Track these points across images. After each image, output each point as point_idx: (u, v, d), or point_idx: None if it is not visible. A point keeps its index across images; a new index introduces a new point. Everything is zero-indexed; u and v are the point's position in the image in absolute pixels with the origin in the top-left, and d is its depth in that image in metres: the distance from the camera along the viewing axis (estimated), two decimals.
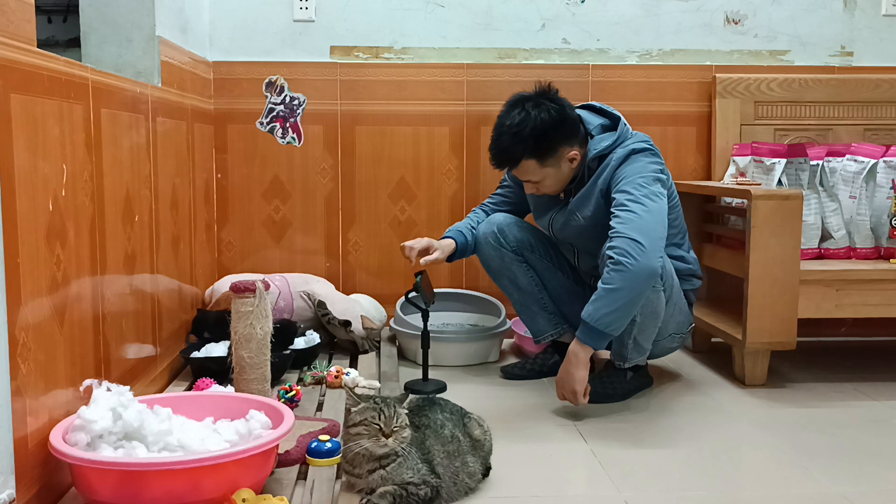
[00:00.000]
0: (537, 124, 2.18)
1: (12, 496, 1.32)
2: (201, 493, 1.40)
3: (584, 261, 2.43)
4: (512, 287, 2.49)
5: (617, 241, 2.05)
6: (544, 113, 2.18)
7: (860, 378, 2.55)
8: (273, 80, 2.94)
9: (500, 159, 2.26)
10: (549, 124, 2.18)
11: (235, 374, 1.95)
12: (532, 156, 2.21)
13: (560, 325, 2.50)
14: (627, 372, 2.36)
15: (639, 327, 2.21)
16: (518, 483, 1.74)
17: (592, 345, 2.07)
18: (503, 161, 2.26)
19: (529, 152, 2.20)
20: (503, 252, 2.44)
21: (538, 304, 2.49)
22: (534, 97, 2.23)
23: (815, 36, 3.02)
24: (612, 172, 2.20)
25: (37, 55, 1.44)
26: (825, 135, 2.93)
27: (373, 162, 2.99)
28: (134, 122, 1.99)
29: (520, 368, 2.55)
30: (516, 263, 2.46)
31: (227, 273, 2.90)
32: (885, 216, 2.60)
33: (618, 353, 2.33)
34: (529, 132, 2.18)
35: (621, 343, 2.28)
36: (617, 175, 2.19)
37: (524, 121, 2.18)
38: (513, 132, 2.19)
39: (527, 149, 2.20)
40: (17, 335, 1.34)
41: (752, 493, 1.73)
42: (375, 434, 1.51)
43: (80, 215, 1.63)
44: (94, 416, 1.45)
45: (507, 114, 2.23)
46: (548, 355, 2.55)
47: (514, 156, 2.22)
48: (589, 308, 2.06)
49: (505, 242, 2.44)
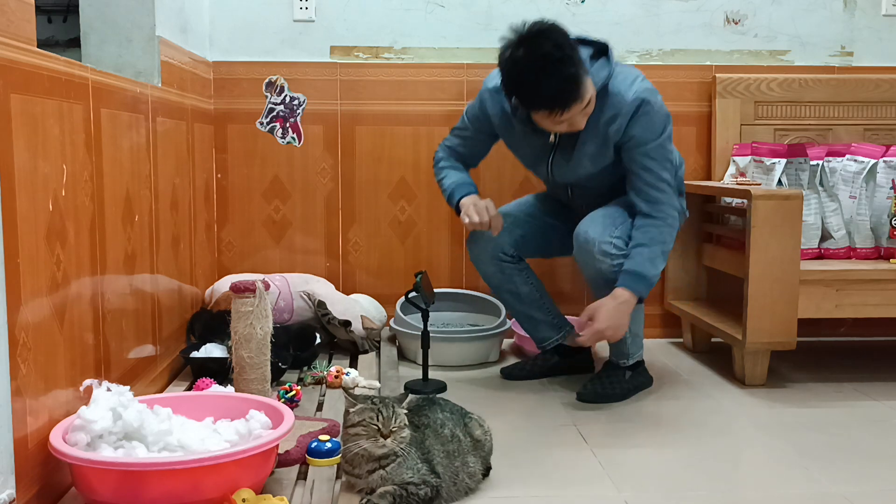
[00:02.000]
0: (570, 63, 2.06)
1: (12, 496, 1.32)
2: (201, 493, 1.40)
3: (582, 197, 2.39)
4: (513, 299, 2.49)
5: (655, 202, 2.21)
6: (568, 49, 2.07)
7: (860, 378, 2.55)
8: (273, 80, 2.94)
9: (558, 102, 2.09)
10: (575, 59, 2.08)
11: (235, 374, 1.95)
12: (577, 96, 2.11)
13: (563, 328, 2.51)
14: (626, 371, 2.36)
15: (633, 318, 2.24)
16: (518, 483, 1.74)
17: (643, 294, 2.20)
18: (565, 102, 2.09)
19: (577, 92, 2.10)
20: (503, 265, 2.45)
21: (540, 309, 2.49)
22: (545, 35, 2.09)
23: (815, 36, 3.02)
24: (626, 123, 2.17)
25: (37, 55, 1.44)
26: (825, 135, 2.93)
27: (373, 162, 2.99)
28: (134, 122, 1.99)
29: (519, 369, 2.55)
30: (516, 272, 2.46)
31: (227, 273, 2.90)
32: (885, 216, 2.60)
33: (620, 352, 2.34)
34: (570, 72, 2.06)
35: (621, 341, 2.30)
36: (631, 131, 2.17)
37: (561, 61, 2.05)
38: (562, 76, 2.06)
39: (575, 88, 2.09)
40: (17, 335, 1.34)
41: (752, 493, 1.73)
42: (374, 435, 1.51)
43: (80, 215, 1.63)
44: (94, 416, 1.45)
45: (535, 55, 2.06)
46: (548, 356, 2.56)
47: (570, 97, 2.09)
48: (638, 261, 2.18)
49: (503, 255, 2.44)
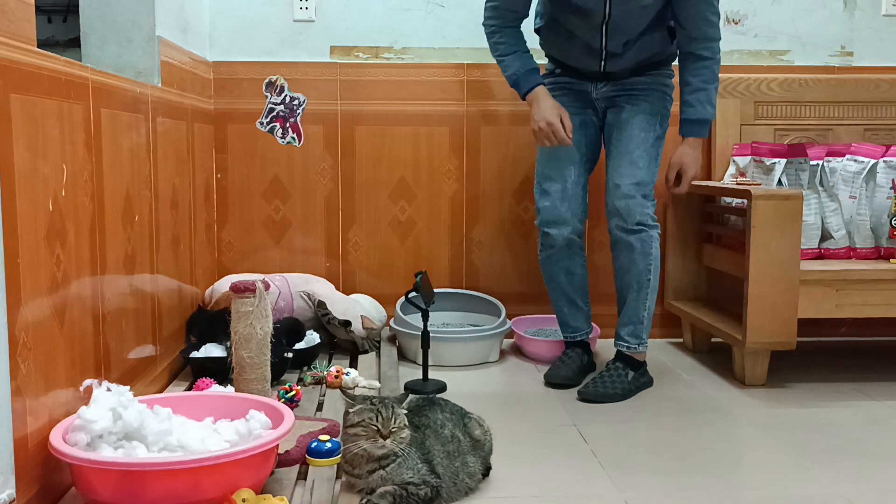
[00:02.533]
0: None
1: (12, 496, 1.32)
2: (201, 493, 1.40)
3: (615, 41, 2.35)
4: (567, 280, 2.52)
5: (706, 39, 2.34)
6: None
7: (860, 378, 2.55)
8: (273, 80, 2.94)
9: None
10: None
11: (235, 374, 1.95)
12: None
13: (590, 326, 2.59)
14: (629, 372, 2.36)
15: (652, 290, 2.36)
16: (518, 483, 1.74)
17: (706, 135, 2.44)
18: None
19: None
20: (576, 241, 2.49)
21: (583, 298, 2.55)
22: None
23: (815, 36, 3.02)
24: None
25: (37, 55, 1.44)
26: (825, 135, 2.93)
27: (373, 162, 2.99)
28: (134, 122, 1.99)
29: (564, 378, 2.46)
30: (580, 252, 2.51)
31: (227, 273, 2.90)
32: (885, 216, 2.60)
33: (634, 335, 2.41)
34: None
35: (638, 321, 2.39)
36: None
37: None
38: None
39: None
40: (17, 335, 1.34)
41: (752, 493, 1.73)
42: (373, 435, 1.51)
43: (80, 215, 1.63)
44: (94, 416, 1.45)
45: None
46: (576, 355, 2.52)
47: None
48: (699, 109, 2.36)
49: (578, 238, 2.48)
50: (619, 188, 2.35)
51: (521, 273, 3.05)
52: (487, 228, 3.03)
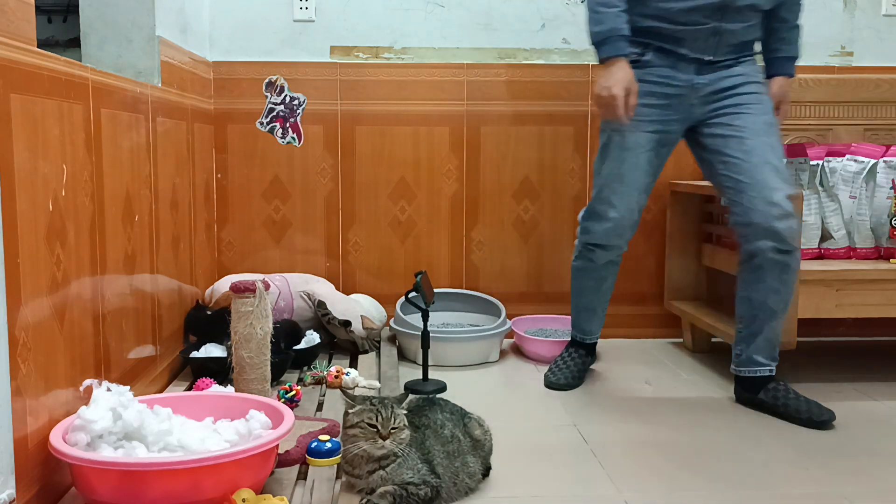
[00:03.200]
0: None
1: (12, 496, 1.32)
2: (201, 493, 1.40)
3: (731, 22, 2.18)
4: (596, 286, 2.48)
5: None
6: None
7: (860, 378, 2.55)
8: (273, 80, 2.94)
9: None
10: None
11: (235, 374, 1.95)
12: None
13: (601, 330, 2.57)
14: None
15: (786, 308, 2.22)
16: (518, 483, 1.74)
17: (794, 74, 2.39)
18: None
19: None
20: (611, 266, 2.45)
21: (602, 305, 2.52)
22: None
23: (815, 36, 3.02)
24: None
25: (37, 55, 1.44)
26: (825, 135, 2.92)
27: (373, 162, 2.99)
28: (134, 122, 1.99)
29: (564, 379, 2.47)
30: (615, 268, 2.47)
31: (227, 273, 2.90)
32: (885, 216, 2.60)
33: (770, 356, 2.25)
34: None
35: (773, 341, 2.25)
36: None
37: None
38: None
39: None
40: (17, 335, 1.34)
41: (752, 493, 1.73)
42: (373, 436, 1.51)
43: (80, 215, 1.63)
44: (94, 416, 1.45)
45: None
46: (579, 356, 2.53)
47: None
48: (795, 47, 2.34)
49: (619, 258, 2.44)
50: (777, 206, 2.10)
51: (520, 273, 3.05)
52: (487, 228, 3.03)
